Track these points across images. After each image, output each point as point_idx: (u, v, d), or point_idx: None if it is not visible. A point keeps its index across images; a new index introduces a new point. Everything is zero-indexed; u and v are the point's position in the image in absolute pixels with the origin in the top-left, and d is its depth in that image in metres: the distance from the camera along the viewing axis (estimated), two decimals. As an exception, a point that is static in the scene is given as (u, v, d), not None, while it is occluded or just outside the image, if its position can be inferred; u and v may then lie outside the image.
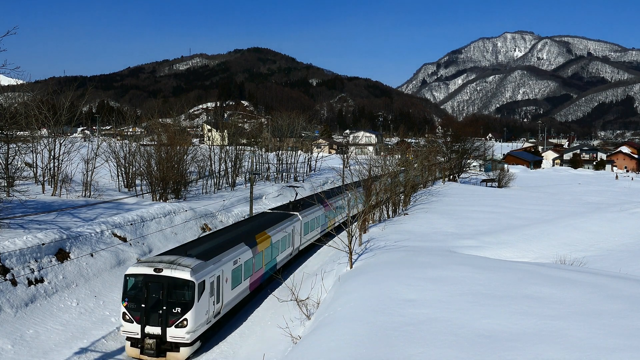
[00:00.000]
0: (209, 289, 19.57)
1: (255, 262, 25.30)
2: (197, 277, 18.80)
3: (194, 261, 19.50)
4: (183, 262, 19.24)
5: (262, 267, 26.33)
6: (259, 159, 69.22)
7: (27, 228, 27.60)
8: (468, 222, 34.34)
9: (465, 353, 10.61)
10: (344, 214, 42.75)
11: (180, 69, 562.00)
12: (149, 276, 18.83)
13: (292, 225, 31.78)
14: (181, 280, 18.62)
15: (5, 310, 20.10)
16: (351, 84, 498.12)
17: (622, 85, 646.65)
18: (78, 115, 47.97)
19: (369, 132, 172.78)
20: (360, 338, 11.73)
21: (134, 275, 19.13)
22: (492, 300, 14.21)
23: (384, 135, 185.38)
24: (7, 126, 32.93)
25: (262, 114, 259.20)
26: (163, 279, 18.67)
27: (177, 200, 43.85)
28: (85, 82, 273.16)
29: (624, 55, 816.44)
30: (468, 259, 20.52)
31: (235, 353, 19.92)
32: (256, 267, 25.43)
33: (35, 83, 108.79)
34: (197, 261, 19.56)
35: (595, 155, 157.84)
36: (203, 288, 19.10)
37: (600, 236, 27.73)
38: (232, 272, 22.06)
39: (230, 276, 21.89)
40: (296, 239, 32.72)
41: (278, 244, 28.93)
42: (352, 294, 15.97)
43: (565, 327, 11.86)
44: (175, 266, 18.88)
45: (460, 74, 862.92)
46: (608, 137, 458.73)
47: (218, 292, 20.59)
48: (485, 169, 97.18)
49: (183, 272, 18.67)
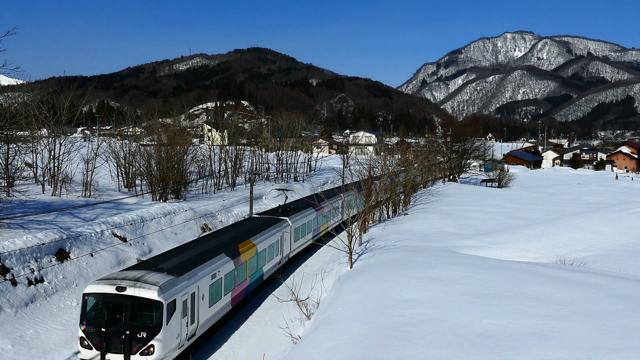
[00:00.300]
0: (181, 309, 17.46)
1: (238, 275, 23.13)
2: (167, 296, 16.67)
3: (164, 277, 17.38)
4: (150, 278, 17.09)
5: (246, 280, 24.22)
6: (259, 159, 69.22)
7: (27, 228, 27.60)
8: (468, 222, 34.35)
9: (465, 353, 10.61)
10: (337, 218, 42.07)
11: (180, 69, 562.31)
12: (110, 295, 16.59)
13: (280, 232, 29.70)
14: (147, 300, 16.44)
15: (5, 310, 20.11)
16: (351, 84, 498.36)
17: (622, 85, 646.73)
18: (78, 115, 47.98)
19: (369, 132, 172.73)
20: (360, 338, 11.73)
21: (93, 294, 16.89)
22: (492, 300, 14.22)
23: (384, 135, 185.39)
24: (7, 126, 32.92)
25: (262, 114, 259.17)
26: (126, 299, 16.44)
27: (177, 200, 43.85)
28: (85, 82, 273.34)
29: (624, 55, 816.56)
30: (468, 259, 20.52)
31: (235, 353, 19.93)
32: (239, 279, 23.27)
33: (35, 83, 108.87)
34: (167, 277, 17.44)
35: (595, 155, 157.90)
36: (174, 308, 17.01)
37: (600, 236, 27.73)
38: (210, 288, 19.92)
39: (208, 292, 19.76)
40: (285, 247, 30.70)
41: (265, 252, 26.83)
42: (352, 294, 15.97)
43: (565, 327, 11.86)
44: (141, 284, 16.68)
45: (460, 74, 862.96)
46: (608, 137, 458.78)
47: (193, 312, 18.54)
48: (485, 169, 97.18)
49: (149, 290, 16.49)
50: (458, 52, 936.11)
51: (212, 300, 20.13)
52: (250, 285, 24.82)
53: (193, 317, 18.55)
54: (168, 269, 18.38)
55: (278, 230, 29.35)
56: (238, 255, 23.24)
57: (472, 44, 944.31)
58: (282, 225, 30.36)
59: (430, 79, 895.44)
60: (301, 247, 34.08)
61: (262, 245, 26.31)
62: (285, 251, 30.65)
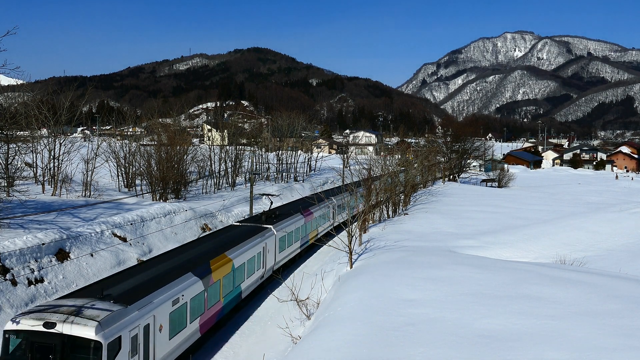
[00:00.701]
0: (128, 348, 14.28)
1: (209, 296, 19.81)
2: (108, 334, 13.45)
3: (108, 308, 14.22)
4: (89, 311, 13.85)
5: (220, 301, 21.02)
6: (259, 159, 69.23)
7: (27, 228, 27.61)
8: (468, 222, 34.35)
9: (465, 353, 10.61)
10: (326, 225, 39.53)
11: (180, 69, 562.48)
12: (36, 334, 13.31)
13: (263, 242, 26.56)
14: (82, 339, 13.15)
15: (5, 310, 20.10)
16: (351, 84, 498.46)
17: (622, 85, 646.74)
18: (78, 115, 48.00)
19: (369, 132, 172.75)
20: (360, 338, 11.73)
21: (15, 332, 13.55)
22: (492, 300, 14.22)
23: (384, 135, 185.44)
24: (7, 126, 32.94)
25: (262, 114, 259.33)
26: (56, 338, 13.16)
27: (177, 200, 43.86)
28: (85, 82, 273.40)
29: (624, 55, 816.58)
30: (468, 259, 20.53)
31: (235, 353, 19.93)
32: (210, 302, 19.97)
33: (35, 83, 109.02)
34: (112, 307, 14.30)
35: (595, 155, 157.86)
36: (118, 348, 13.83)
37: (600, 236, 27.74)
38: (170, 316, 16.81)
39: (168, 321, 16.66)
40: (269, 258, 27.53)
41: (243, 267, 23.67)
42: (352, 294, 15.97)
43: (565, 327, 11.87)
44: (75, 318, 13.42)
45: (460, 74, 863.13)
46: (608, 137, 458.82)
47: (147, 348, 15.43)
48: (485, 169, 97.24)
49: (85, 327, 13.21)
50: (458, 52, 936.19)
51: (173, 331, 17.08)
52: (225, 307, 21.77)
53: (147, 354, 15.50)
54: (116, 295, 15.33)
55: (260, 240, 26.22)
56: (209, 273, 20.01)
57: (472, 44, 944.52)
58: (265, 235, 27.11)
59: (430, 79, 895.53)
60: (288, 257, 31.22)
61: (240, 260, 23.24)
62: (268, 263, 27.52)
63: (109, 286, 16.20)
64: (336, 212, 42.08)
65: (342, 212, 42.96)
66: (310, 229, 35.40)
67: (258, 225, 28.23)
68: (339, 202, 42.04)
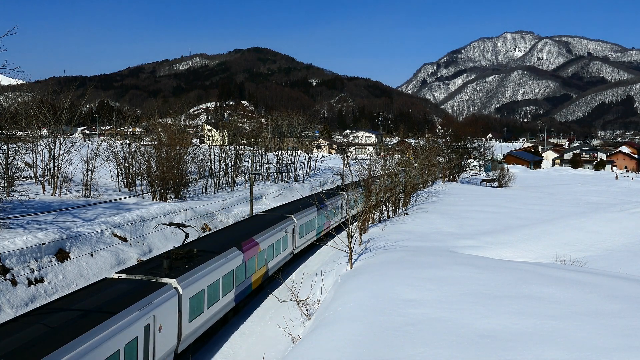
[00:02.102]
0: None
1: None
2: None
3: None
4: None
5: None
6: (259, 159, 69.22)
7: (27, 228, 27.60)
8: (468, 222, 34.35)
9: (465, 353, 10.61)
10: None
11: (180, 69, 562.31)
12: None
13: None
14: None
15: (5, 310, 20.10)
16: (351, 84, 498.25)
17: (622, 85, 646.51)
18: (78, 115, 47.99)
19: (369, 132, 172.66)
20: (360, 338, 11.73)
21: None
22: (493, 300, 14.22)
23: (384, 135, 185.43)
24: (7, 126, 32.94)
25: (262, 114, 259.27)
26: None
27: (177, 200, 43.86)
28: (85, 82, 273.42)
29: (624, 55, 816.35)
30: (468, 259, 20.52)
31: (235, 353, 19.92)
32: None
33: (35, 83, 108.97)
34: None
35: (595, 155, 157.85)
36: None
37: (600, 236, 27.73)
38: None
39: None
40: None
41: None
42: (352, 294, 15.97)
43: (565, 327, 11.87)
44: None
45: (460, 74, 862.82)
46: (608, 137, 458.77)
47: None
48: (485, 169, 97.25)
49: None
50: (458, 52, 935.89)
51: None
52: None
53: None
54: None
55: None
56: None
57: (472, 44, 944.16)
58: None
59: (430, 79, 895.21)
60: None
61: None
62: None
63: None
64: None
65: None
66: (251, 270, 24.08)
67: (150, 280, 16.56)
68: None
